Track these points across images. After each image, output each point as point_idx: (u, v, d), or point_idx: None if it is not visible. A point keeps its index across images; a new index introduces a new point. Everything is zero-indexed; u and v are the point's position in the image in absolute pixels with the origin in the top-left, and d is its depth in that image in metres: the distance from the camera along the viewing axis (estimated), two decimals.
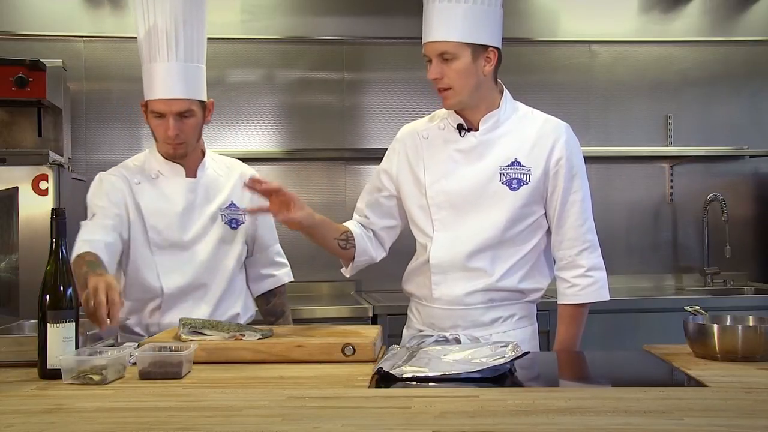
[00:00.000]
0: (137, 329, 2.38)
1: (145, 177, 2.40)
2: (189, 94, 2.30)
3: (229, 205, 2.45)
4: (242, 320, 2.45)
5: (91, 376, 1.66)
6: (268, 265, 2.58)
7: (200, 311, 2.35)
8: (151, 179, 2.40)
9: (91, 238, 2.22)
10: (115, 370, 1.68)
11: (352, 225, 2.30)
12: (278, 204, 2.09)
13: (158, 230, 2.36)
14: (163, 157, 2.40)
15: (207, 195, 2.42)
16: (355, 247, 2.26)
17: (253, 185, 2.09)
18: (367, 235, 2.30)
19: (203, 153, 2.47)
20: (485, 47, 2.09)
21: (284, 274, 2.61)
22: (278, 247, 2.61)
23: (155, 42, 2.30)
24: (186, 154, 2.38)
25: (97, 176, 2.43)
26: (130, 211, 2.35)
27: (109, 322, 1.79)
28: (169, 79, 2.28)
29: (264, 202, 2.13)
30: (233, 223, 2.44)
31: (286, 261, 2.64)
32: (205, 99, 2.38)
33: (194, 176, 2.42)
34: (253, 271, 2.55)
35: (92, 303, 1.79)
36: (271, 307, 2.61)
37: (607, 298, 2.19)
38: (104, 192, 2.36)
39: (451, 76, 2.08)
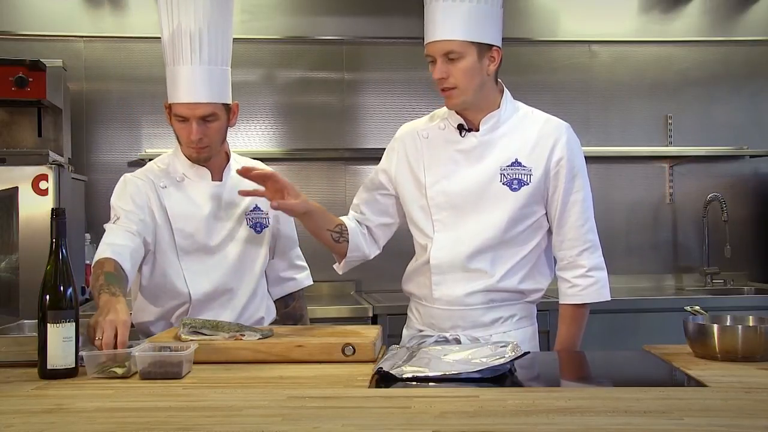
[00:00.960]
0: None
1: (171, 180, 2.35)
2: (213, 98, 2.25)
3: (254, 208, 2.42)
4: (265, 323, 2.43)
5: (114, 369, 1.69)
6: (288, 268, 2.55)
7: (226, 316, 2.32)
8: (177, 182, 2.35)
9: (116, 242, 2.17)
10: (134, 363, 1.70)
11: (347, 219, 2.30)
12: (273, 191, 2.12)
13: (185, 235, 2.31)
14: (188, 159, 2.36)
15: (232, 199, 2.38)
16: (348, 241, 2.25)
17: (245, 172, 2.11)
18: (362, 231, 2.29)
19: (228, 155, 2.43)
20: (490, 46, 2.09)
21: (304, 278, 2.59)
22: (298, 251, 2.59)
23: (179, 44, 2.25)
24: (210, 158, 2.34)
25: (122, 178, 2.37)
26: (156, 215, 2.30)
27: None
28: (193, 83, 2.23)
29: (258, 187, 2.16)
30: (258, 227, 2.41)
31: (305, 264, 2.61)
32: (230, 101, 2.33)
33: (220, 179, 2.38)
34: (273, 273, 2.52)
35: (99, 338, 1.77)
36: (290, 311, 2.58)
37: (608, 299, 2.19)
38: (129, 195, 2.30)
39: (457, 75, 2.07)
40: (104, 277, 2.00)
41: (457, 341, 2.13)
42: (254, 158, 2.42)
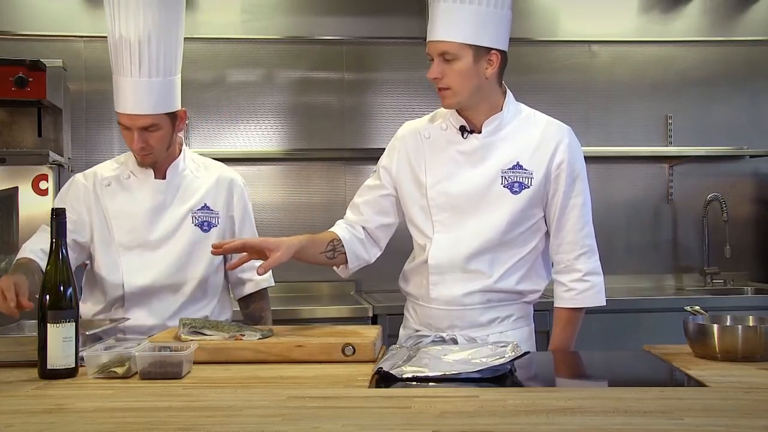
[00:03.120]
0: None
1: (116, 179, 2.42)
2: (154, 110, 2.27)
3: (202, 207, 2.44)
4: None
5: (115, 369, 1.69)
6: (247, 269, 2.48)
7: (163, 309, 2.37)
8: (123, 180, 2.42)
9: (35, 244, 2.32)
10: (134, 363, 1.70)
11: (339, 230, 2.26)
12: (254, 253, 2.09)
13: (125, 230, 2.38)
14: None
15: (179, 196, 2.42)
16: (344, 253, 2.23)
17: (217, 253, 2.13)
18: (358, 237, 2.26)
19: (179, 154, 2.45)
20: (488, 50, 2.08)
21: (263, 279, 2.54)
22: None
23: (120, 55, 2.25)
24: (155, 162, 2.39)
25: (70, 179, 2.48)
26: (92, 214, 2.39)
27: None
28: (134, 95, 2.25)
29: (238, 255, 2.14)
30: (205, 225, 2.43)
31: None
32: (175, 109, 2.34)
33: (163, 177, 2.42)
34: (233, 275, 2.52)
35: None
36: (250, 311, 2.57)
37: (603, 303, 2.19)
38: (64, 197, 2.42)
39: (451, 76, 2.07)
40: (12, 268, 2.15)
41: (454, 341, 2.13)
42: (254, 158, 2.43)
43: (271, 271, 2.41)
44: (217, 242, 2.19)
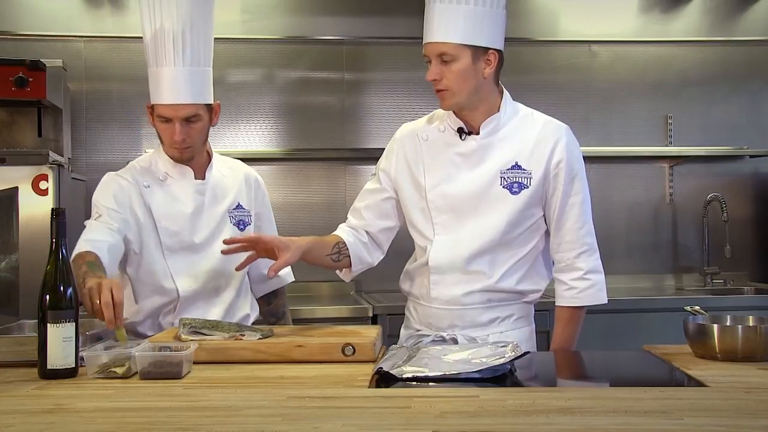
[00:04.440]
0: (150, 333, 2.33)
1: (154, 179, 2.37)
2: (196, 99, 2.27)
3: (237, 206, 2.45)
4: (250, 320, 2.45)
5: (114, 369, 1.69)
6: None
7: (214, 313, 2.35)
8: (160, 182, 2.37)
9: (94, 237, 2.19)
10: (134, 363, 1.70)
11: (343, 233, 2.27)
12: (263, 251, 2.10)
13: (170, 233, 2.34)
14: (171, 159, 2.37)
15: (215, 197, 2.41)
16: (348, 256, 2.24)
17: (228, 251, 2.12)
18: (362, 241, 2.27)
19: (210, 155, 2.45)
20: (485, 50, 2.08)
21: (287, 275, 2.59)
22: None
23: (162, 46, 2.26)
24: (193, 158, 2.36)
25: (106, 176, 2.39)
26: (139, 214, 2.33)
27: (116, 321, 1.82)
28: (176, 84, 2.25)
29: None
30: (241, 225, 2.44)
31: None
32: (212, 101, 2.35)
33: (203, 178, 2.40)
34: (256, 271, 2.52)
35: (97, 301, 1.81)
36: (272, 308, 2.60)
37: (605, 302, 2.19)
38: (112, 193, 2.33)
39: (450, 77, 2.07)
40: (86, 266, 2.02)
41: (454, 341, 2.13)
42: (254, 158, 2.44)
43: (290, 266, 2.42)
44: (227, 238, 2.17)
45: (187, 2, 2.26)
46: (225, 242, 2.14)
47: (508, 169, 2.14)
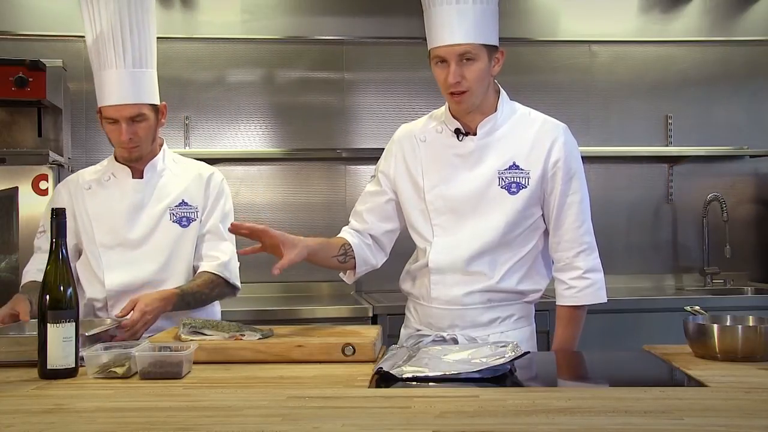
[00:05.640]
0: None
1: (97, 181, 2.47)
2: (139, 99, 2.35)
3: (180, 203, 2.47)
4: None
5: (114, 369, 1.69)
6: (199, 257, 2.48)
7: None
8: (102, 182, 2.47)
9: (32, 268, 2.43)
10: (134, 363, 1.70)
11: (348, 235, 2.27)
12: (269, 246, 2.06)
13: (105, 230, 2.42)
14: (121, 161, 2.46)
15: (156, 194, 2.46)
16: (354, 258, 2.24)
17: (236, 230, 2.07)
18: (366, 243, 2.27)
19: (158, 152, 2.49)
20: (496, 48, 2.09)
21: (213, 267, 2.47)
22: (224, 245, 2.49)
23: (103, 49, 2.35)
24: (142, 157, 2.43)
25: (56, 188, 2.54)
26: (77, 215, 2.44)
27: None
28: (119, 86, 2.34)
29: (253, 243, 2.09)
30: (183, 221, 2.47)
31: (223, 258, 2.48)
32: (157, 102, 2.41)
33: (141, 177, 2.46)
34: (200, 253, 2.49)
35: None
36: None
37: (605, 300, 2.18)
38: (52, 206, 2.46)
39: (471, 78, 2.06)
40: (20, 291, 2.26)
41: (455, 341, 2.13)
42: (254, 158, 2.43)
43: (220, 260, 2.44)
44: (236, 222, 2.11)
45: (125, 6, 2.33)
46: (232, 225, 2.08)
47: (506, 170, 2.14)
